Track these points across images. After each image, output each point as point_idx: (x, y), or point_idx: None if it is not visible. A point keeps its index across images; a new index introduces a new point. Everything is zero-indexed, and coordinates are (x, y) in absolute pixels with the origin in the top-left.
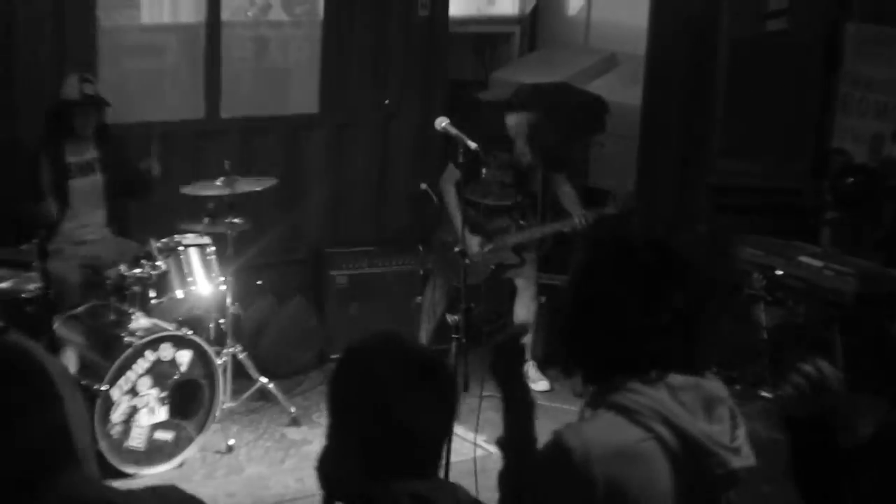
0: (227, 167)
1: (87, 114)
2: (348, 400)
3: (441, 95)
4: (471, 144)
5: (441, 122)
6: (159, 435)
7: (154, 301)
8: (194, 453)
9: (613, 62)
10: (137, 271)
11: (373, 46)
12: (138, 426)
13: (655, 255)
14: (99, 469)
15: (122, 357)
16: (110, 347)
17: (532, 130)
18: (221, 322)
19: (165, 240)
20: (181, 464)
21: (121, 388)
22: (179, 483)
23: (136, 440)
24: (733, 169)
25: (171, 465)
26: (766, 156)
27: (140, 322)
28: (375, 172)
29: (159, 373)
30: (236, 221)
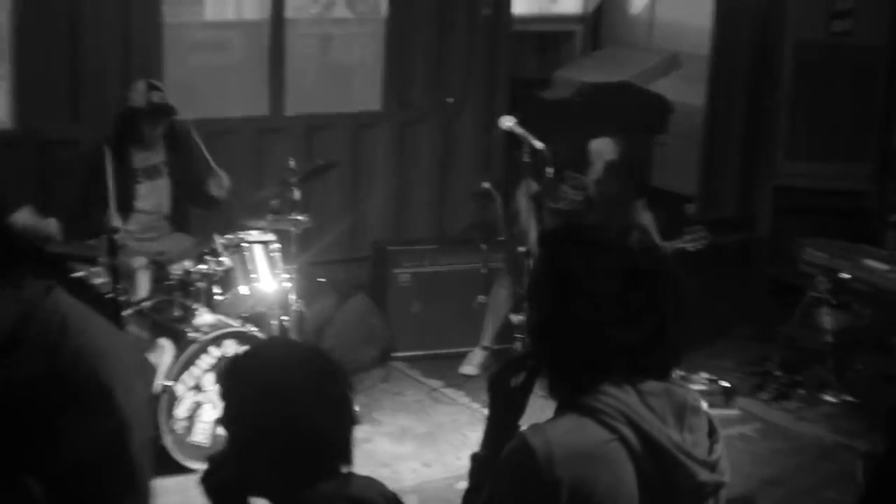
0: (292, 164)
1: (155, 122)
2: (255, 419)
3: (504, 94)
4: (536, 144)
5: (506, 122)
6: (223, 430)
7: (218, 297)
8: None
9: (676, 62)
10: (202, 267)
11: (436, 44)
12: (202, 422)
13: (629, 257)
14: (163, 463)
15: (187, 353)
16: (175, 343)
17: (617, 157)
18: (284, 319)
19: (230, 236)
20: None
21: (185, 384)
22: None
23: (200, 435)
24: (797, 171)
25: None
26: (831, 158)
27: (204, 318)
28: (438, 170)
29: None
30: (300, 218)
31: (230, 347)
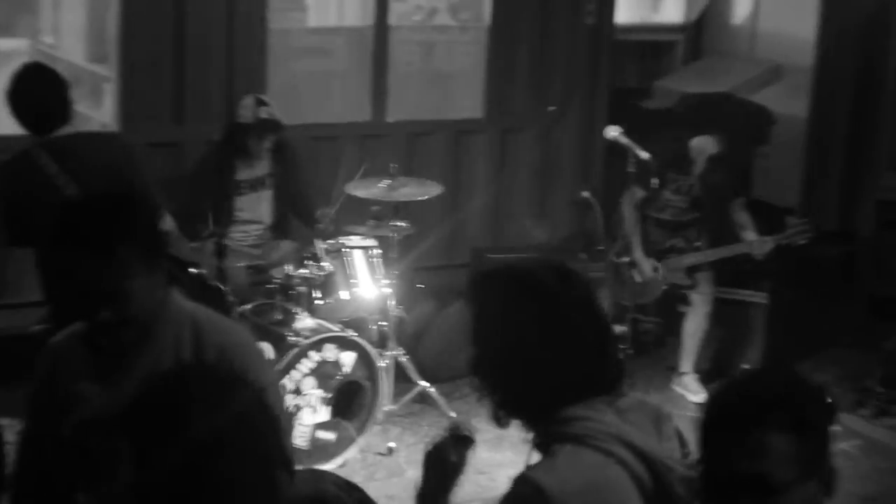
0: (393, 170)
1: (261, 137)
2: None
3: (604, 103)
4: (642, 154)
5: (612, 131)
6: (322, 434)
7: (319, 302)
8: (355, 454)
9: (779, 73)
10: (303, 272)
11: (538, 52)
12: (302, 425)
13: (560, 278)
14: None
15: (288, 357)
16: (276, 346)
17: (717, 155)
18: (384, 324)
19: (331, 241)
20: (343, 464)
21: (285, 388)
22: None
23: (300, 439)
24: None
25: (333, 465)
26: None
27: (305, 322)
28: (538, 178)
29: (323, 373)
30: (401, 224)
31: (330, 352)
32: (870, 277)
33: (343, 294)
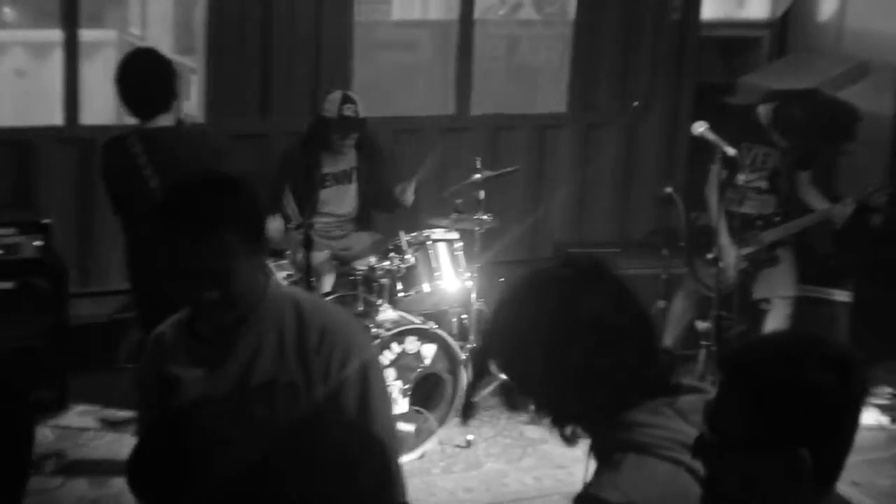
0: (478, 164)
1: (344, 133)
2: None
3: (689, 98)
4: (729, 150)
5: (699, 127)
6: (401, 426)
7: (401, 294)
8: (434, 446)
9: (866, 70)
10: (386, 264)
11: (623, 47)
12: None
13: (587, 275)
14: None
15: None
16: None
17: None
18: (464, 317)
19: (415, 234)
20: (422, 455)
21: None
22: (419, 475)
23: None
24: None
25: (412, 457)
26: None
27: (387, 314)
28: (621, 174)
29: (404, 365)
30: (484, 218)
31: (411, 344)
32: None
33: (425, 286)
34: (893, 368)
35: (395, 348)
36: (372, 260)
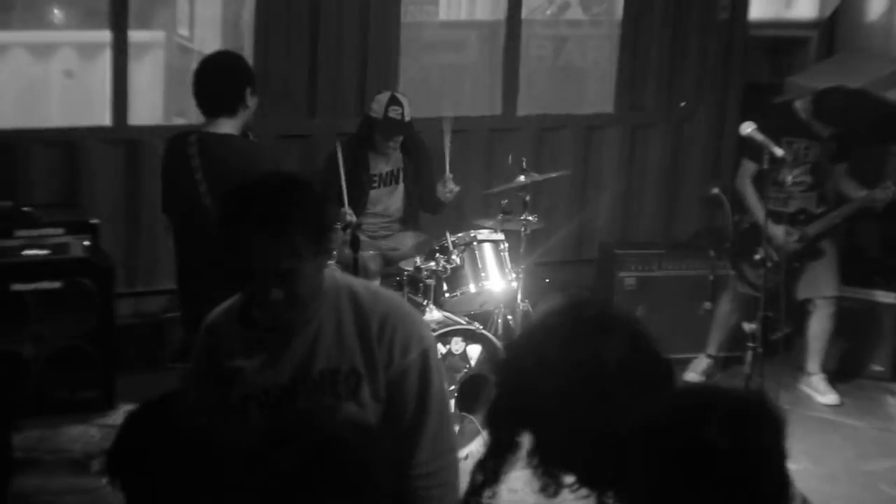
0: (524, 164)
1: (388, 136)
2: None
3: (736, 99)
4: (777, 151)
5: (747, 128)
6: None
7: (447, 294)
8: (479, 448)
9: None
10: (432, 264)
11: (670, 48)
12: None
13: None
14: None
15: None
16: None
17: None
18: (510, 318)
19: (461, 234)
20: (466, 457)
21: None
22: (463, 476)
23: None
24: None
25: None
26: None
27: (433, 314)
28: (667, 174)
29: (449, 366)
30: (530, 219)
31: (457, 345)
32: None
33: (471, 287)
34: None
35: (441, 349)
36: (418, 260)
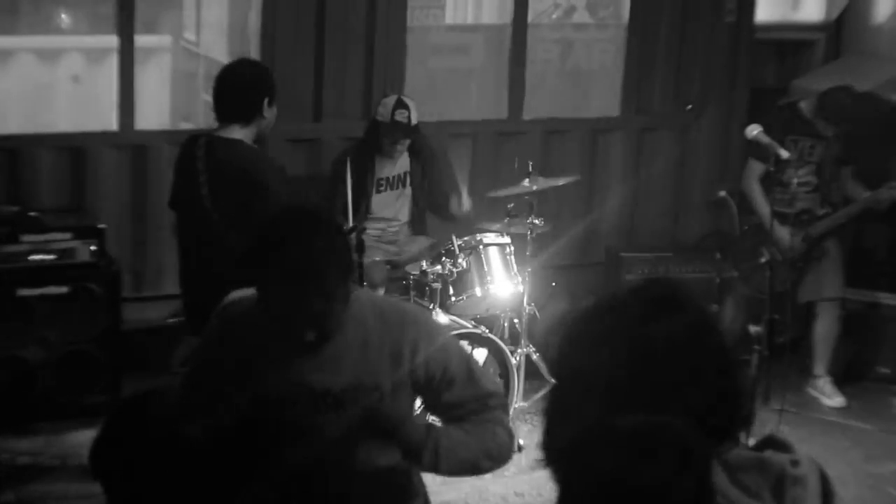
0: (531, 168)
1: (395, 139)
2: None
3: (743, 102)
4: (782, 153)
5: (753, 130)
6: None
7: (453, 298)
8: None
9: None
10: (438, 268)
11: (677, 50)
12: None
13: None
14: None
15: None
16: None
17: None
18: (516, 322)
19: (467, 238)
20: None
21: None
22: (470, 479)
23: None
24: None
25: None
26: None
27: (439, 318)
28: (674, 177)
29: None
30: (536, 222)
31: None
32: None
33: (477, 291)
34: None
35: None
36: (424, 264)
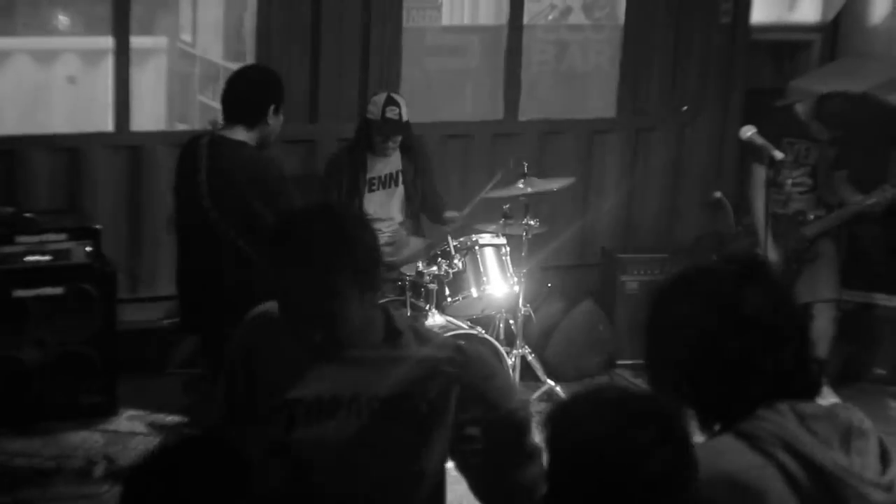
0: (525, 169)
1: (386, 136)
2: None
3: (739, 103)
4: (777, 155)
5: (747, 132)
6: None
7: (449, 299)
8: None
9: None
10: (434, 269)
11: (672, 52)
12: None
13: (744, 278)
14: None
15: None
16: None
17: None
18: (512, 323)
19: (462, 239)
20: None
21: None
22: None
23: None
24: None
25: None
26: None
27: (435, 319)
28: (670, 179)
29: None
30: (532, 223)
31: None
32: None
33: (473, 292)
34: None
35: None
36: (420, 265)
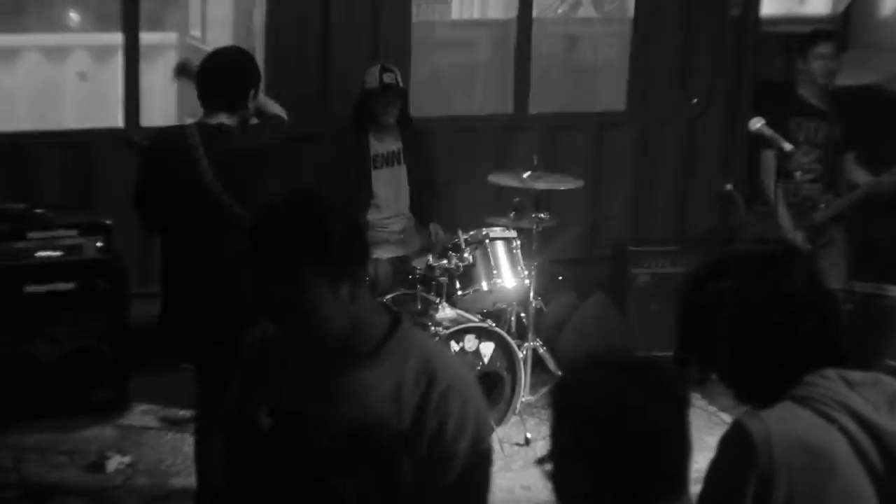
0: (535, 162)
1: (387, 102)
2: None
3: (749, 95)
4: (786, 146)
5: (756, 123)
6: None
7: (459, 292)
8: (493, 444)
9: None
10: (444, 262)
11: (682, 45)
12: None
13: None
14: None
15: None
16: None
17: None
18: (523, 316)
19: (473, 232)
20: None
21: None
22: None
23: None
24: None
25: None
26: None
27: (445, 312)
28: (680, 171)
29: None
30: (542, 216)
31: (469, 342)
32: None
33: (483, 285)
34: None
35: (454, 347)
36: (430, 258)
